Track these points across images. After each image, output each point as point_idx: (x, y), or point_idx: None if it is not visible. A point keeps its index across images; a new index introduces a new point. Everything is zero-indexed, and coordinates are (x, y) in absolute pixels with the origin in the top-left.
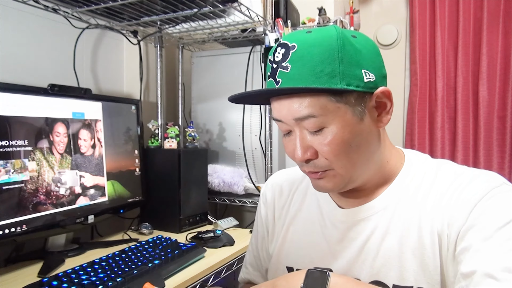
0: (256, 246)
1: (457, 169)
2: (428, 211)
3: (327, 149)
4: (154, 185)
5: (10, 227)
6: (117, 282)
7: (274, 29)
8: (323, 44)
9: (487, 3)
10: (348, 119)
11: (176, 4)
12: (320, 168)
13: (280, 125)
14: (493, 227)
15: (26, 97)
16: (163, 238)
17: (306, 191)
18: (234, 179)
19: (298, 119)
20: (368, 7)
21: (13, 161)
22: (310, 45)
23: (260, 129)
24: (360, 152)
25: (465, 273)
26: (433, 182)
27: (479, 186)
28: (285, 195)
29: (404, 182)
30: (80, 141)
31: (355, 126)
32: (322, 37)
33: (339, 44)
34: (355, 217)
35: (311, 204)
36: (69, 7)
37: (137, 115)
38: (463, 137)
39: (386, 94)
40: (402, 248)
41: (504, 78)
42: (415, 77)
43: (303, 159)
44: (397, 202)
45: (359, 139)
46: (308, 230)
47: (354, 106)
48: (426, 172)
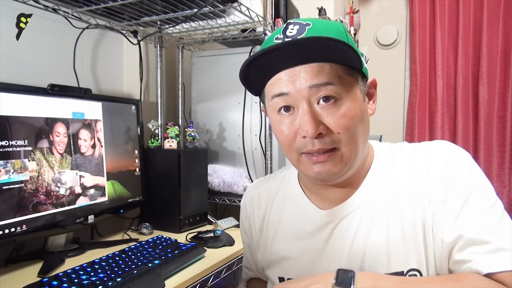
0: (248, 254)
1: (415, 145)
2: (405, 193)
3: (341, 122)
4: (154, 185)
5: (10, 227)
6: (117, 282)
7: (274, 29)
8: (334, 26)
9: (487, 3)
10: (358, 95)
11: (176, 4)
12: (330, 145)
13: (280, 100)
14: (462, 198)
15: (26, 97)
16: (163, 238)
17: (284, 199)
18: (234, 179)
19: (315, 85)
20: (368, 7)
21: (13, 161)
22: (324, 25)
23: (260, 129)
24: (363, 131)
25: (450, 241)
26: (402, 164)
27: (440, 159)
28: (263, 206)
29: (378, 172)
30: (80, 141)
31: (362, 104)
32: (331, 22)
33: (345, 30)
34: (338, 215)
35: (291, 211)
36: (69, 7)
37: (137, 115)
38: (463, 137)
39: (375, 84)
40: (389, 236)
41: (504, 78)
42: (415, 77)
43: (315, 133)
44: (375, 192)
45: (364, 118)
46: (293, 237)
47: (359, 85)
48: (394, 157)
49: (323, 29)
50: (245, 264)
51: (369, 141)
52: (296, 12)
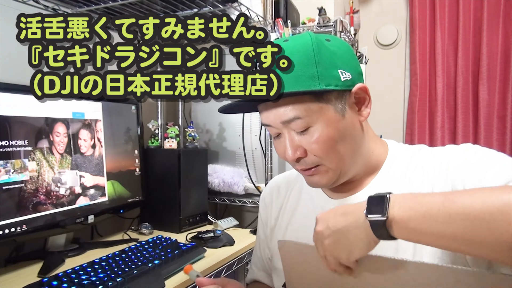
0: (259, 247)
1: (433, 148)
2: (416, 189)
3: (315, 147)
4: (154, 185)
5: (10, 227)
6: (117, 282)
7: (274, 29)
8: (300, 50)
9: (487, 3)
10: (331, 116)
11: (176, 4)
12: (311, 165)
13: (270, 130)
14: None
15: (26, 97)
16: (163, 238)
17: (301, 189)
18: (234, 179)
19: (285, 121)
20: (368, 7)
21: (13, 161)
22: (288, 53)
23: (260, 129)
24: (346, 146)
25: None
26: (416, 165)
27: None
28: (281, 196)
29: (390, 170)
30: (80, 141)
31: (338, 123)
32: (298, 44)
33: (314, 49)
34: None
35: (306, 201)
36: (69, 7)
37: (137, 115)
38: (463, 137)
39: (363, 89)
40: None
41: (504, 78)
42: (415, 77)
43: (293, 158)
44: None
45: (343, 134)
46: (305, 226)
47: (335, 104)
48: (409, 158)
49: (290, 54)
50: (253, 261)
51: (385, 139)
52: (296, 12)
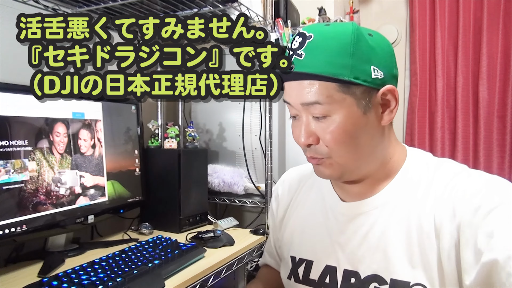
0: (271, 235)
1: (456, 167)
2: (427, 209)
3: (328, 137)
4: (154, 185)
5: (10, 227)
6: (117, 282)
7: (274, 29)
8: (338, 37)
9: (487, 3)
10: (352, 111)
11: (176, 4)
12: (319, 155)
13: (289, 108)
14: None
15: (26, 97)
16: (163, 238)
17: (312, 185)
18: (234, 179)
19: (305, 104)
20: (368, 7)
21: (13, 161)
22: (326, 37)
23: (260, 129)
24: (360, 145)
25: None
26: (432, 180)
27: (474, 183)
28: (293, 190)
29: (405, 178)
30: (80, 141)
31: (358, 119)
32: (338, 31)
33: (353, 39)
34: (356, 211)
35: (316, 197)
36: (69, 7)
37: (137, 115)
38: (463, 137)
39: (392, 92)
40: (401, 244)
41: (504, 78)
42: (415, 77)
43: (305, 143)
44: (397, 198)
45: (361, 132)
46: (311, 221)
47: (359, 99)
48: (426, 169)
49: (322, 43)
50: (266, 247)
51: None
52: (296, 12)
